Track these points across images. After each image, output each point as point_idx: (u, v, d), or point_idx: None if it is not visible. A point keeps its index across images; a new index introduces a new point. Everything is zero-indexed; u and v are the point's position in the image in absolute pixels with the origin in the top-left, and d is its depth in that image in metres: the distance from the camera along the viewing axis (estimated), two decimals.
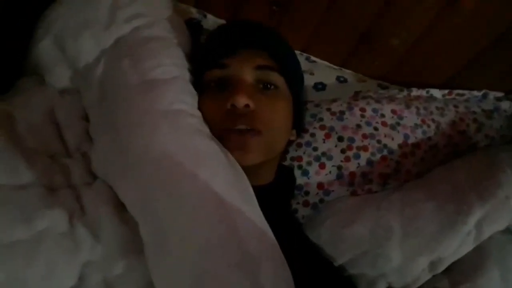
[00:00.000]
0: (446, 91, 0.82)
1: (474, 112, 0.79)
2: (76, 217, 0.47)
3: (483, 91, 0.81)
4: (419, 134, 0.73)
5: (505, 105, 0.81)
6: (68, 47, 0.60)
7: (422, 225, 0.59)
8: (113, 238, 0.47)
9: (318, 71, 0.84)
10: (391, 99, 0.77)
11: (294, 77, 0.68)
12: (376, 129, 0.71)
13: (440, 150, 0.74)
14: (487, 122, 0.78)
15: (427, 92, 0.81)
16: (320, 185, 0.69)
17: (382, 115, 0.73)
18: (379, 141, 0.71)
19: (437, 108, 0.77)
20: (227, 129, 0.57)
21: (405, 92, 0.80)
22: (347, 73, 0.87)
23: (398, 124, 0.73)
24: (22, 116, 0.53)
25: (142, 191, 0.47)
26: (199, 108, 0.59)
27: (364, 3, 0.76)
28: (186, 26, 0.72)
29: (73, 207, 0.47)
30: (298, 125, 0.71)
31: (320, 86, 0.83)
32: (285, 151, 0.72)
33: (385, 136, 0.71)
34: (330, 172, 0.69)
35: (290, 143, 0.72)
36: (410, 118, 0.74)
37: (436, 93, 0.81)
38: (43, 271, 0.42)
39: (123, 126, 0.52)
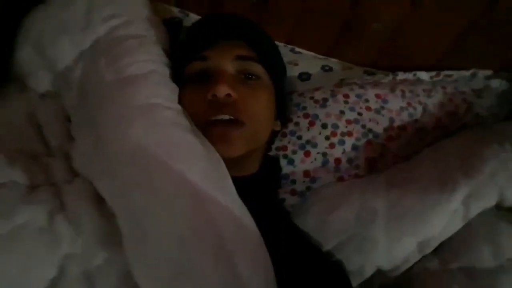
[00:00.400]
0: (434, 73, 0.81)
1: (463, 92, 0.78)
2: (55, 212, 0.48)
3: (472, 70, 0.80)
4: (405, 116, 0.72)
5: (495, 83, 0.79)
6: (47, 51, 0.61)
7: (407, 206, 0.59)
8: (93, 231, 0.48)
9: (302, 61, 0.84)
10: (376, 84, 0.76)
11: (275, 66, 0.68)
12: (360, 114, 0.71)
13: (428, 133, 0.73)
14: (477, 101, 0.77)
15: (414, 75, 0.80)
16: (306, 173, 0.69)
17: (366, 100, 0.72)
18: (363, 126, 0.70)
19: (424, 90, 0.76)
20: (210, 121, 0.58)
21: (390, 77, 0.79)
22: (333, 62, 0.86)
23: (383, 108, 0.72)
24: (2, 119, 0.55)
25: (119, 185, 0.48)
26: (181, 101, 0.59)
27: None
28: (165, 24, 0.73)
29: (53, 203, 0.48)
30: (282, 115, 0.71)
31: (305, 76, 0.82)
32: (270, 142, 0.72)
33: (369, 120, 0.71)
34: (315, 159, 0.69)
35: (275, 134, 0.72)
36: (395, 101, 0.73)
37: (423, 75, 0.80)
38: (22, 264, 0.43)
39: (101, 123, 0.53)
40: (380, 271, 0.59)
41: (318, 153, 0.69)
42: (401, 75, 0.79)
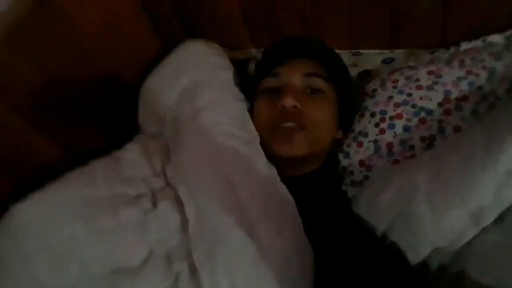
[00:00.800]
0: (509, 32, 0.71)
1: (482, 59, 0.66)
2: (149, 211, 0.67)
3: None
4: (464, 86, 0.67)
5: None
6: (151, 101, 0.86)
7: (449, 175, 0.55)
8: (171, 222, 0.65)
9: (361, 61, 0.87)
10: (431, 62, 0.73)
11: (340, 81, 0.75)
12: (409, 95, 0.69)
13: (500, 98, 0.65)
14: (497, 64, 0.65)
15: (483, 41, 0.73)
16: (361, 163, 0.71)
17: (417, 80, 0.70)
18: (413, 106, 0.68)
19: (490, 54, 0.69)
20: (276, 126, 0.68)
21: (451, 50, 0.74)
22: (396, 53, 0.85)
23: (436, 83, 0.68)
24: (128, 157, 0.79)
25: (188, 185, 0.65)
26: (255, 111, 0.72)
27: None
28: (235, 64, 0.90)
29: (148, 205, 0.68)
30: (346, 125, 0.76)
31: (363, 74, 0.85)
32: (333, 149, 0.75)
33: (420, 99, 0.68)
34: (367, 148, 0.70)
35: (338, 142, 0.76)
36: (451, 73, 0.68)
37: (496, 38, 0.72)
38: (123, 247, 0.62)
39: (180, 145, 0.73)
40: (438, 250, 0.56)
41: (369, 141, 0.71)
42: (464, 45, 0.73)
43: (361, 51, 0.91)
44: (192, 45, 0.86)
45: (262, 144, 0.69)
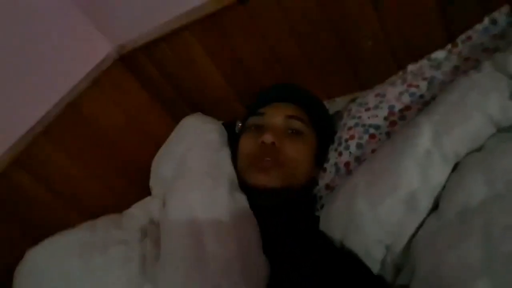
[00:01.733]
0: (449, 45, 0.75)
1: (482, 44, 0.69)
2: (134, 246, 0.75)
3: (487, 17, 0.71)
4: (405, 98, 0.71)
5: None
6: (158, 169, 0.99)
7: (378, 167, 0.57)
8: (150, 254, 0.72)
9: (335, 106, 0.94)
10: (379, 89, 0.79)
11: (321, 125, 0.82)
12: (359, 117, 0.75)
13: None
14: (500, 43, 0.66)
15: (428, 59, 0.77)
16: (327, 186, 0.74)
17: (365, 104, 0.76)
18: (363, 125, 0.73)
19: (431, 66, 0.73)
20: (255, 158, 0.75)
21: (399, 73, 0.79)
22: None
23: (381, 102, 0.73)
24: (130, 211, 0.91)
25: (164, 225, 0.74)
26: (240, 144, 0.81)
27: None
28: (224, 125, 1.02)
29: (135, 242, 0.76)
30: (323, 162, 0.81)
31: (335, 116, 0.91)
32: (310, 185, 0.79)
33: (368, 118, 0.73)
34: (330, 172, 0.74)
35: (314, 178, 0.80)
36: (393, 90, 0.73)
37: (439, 54, 0.76)
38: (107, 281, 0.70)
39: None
40: (389, 250, 0.55)
41: (331, 165, 0.75)
42: (411, 67, 0.78)
43: (336, 98, 0.99)
44: (188, 120, 1.01)
45: (240, 176, 0.76)
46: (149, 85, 1.13)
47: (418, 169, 0.52)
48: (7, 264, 0.71)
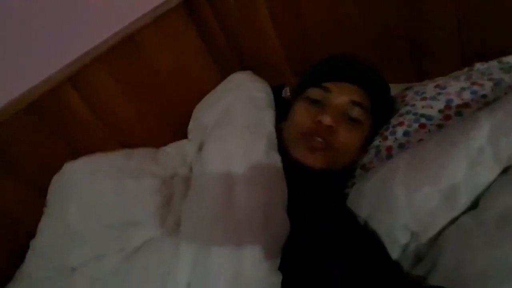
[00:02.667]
0: None
1: None
2: (166, 182, 0.77)
3: None
4: (467, 95, 0.68)
5: None
6: (199, 116, 1.01)
7: (425, 155, 0.56)
8: (180, 192, 0.74)
9: None
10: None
11: (381, 117, 0.78)
12: (413, 105, 0.72)
13: None
14: None
15: (499, 62, 0.73)
16: (362, 167, 0.73)
17: (423, 93, 0.74)
18: (415, 114, 0.71)
19: (500, 69, 0.69)
20: (307, 134, 0.73)
21: (465, 69, 0.75)
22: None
23: (440, 94, 0.71)
24: (165, 149, 0.93)
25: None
26: (294, 112, 0.78)
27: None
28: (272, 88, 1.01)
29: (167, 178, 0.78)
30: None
31: None
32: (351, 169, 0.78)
33: (422, 107, 0.71)
34: (370, 153, 0.73)
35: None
36: (456, 85, 0.70)
37: (511, 59, 0.72)
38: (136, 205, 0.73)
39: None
40: (414, 237, 0.54)
41: (373, 147, 0.73)
42: (479, 65, 0.74)
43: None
44: (238, 75, 1.02)
45: (285, 143, 0.76)
46: (205, 35, 1.13)
47: (466, 163, 0.51)
48: (46, 174, 0.76)
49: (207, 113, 0.94)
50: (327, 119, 0.69)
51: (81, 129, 0.92)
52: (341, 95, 0.73)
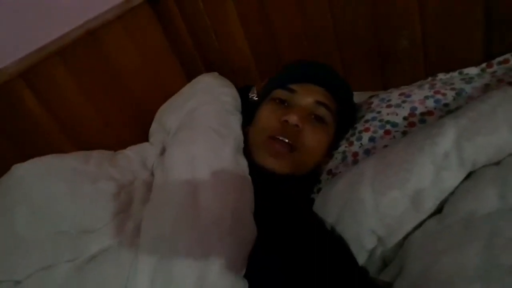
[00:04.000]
0: (484, 65, 0.74)
1: None
2: (125, 187, 0.72)
3: None
4: (430, 103, 0.69)
5: None
6: (162, 118, 0.97)
7: (392, 159, 0.56)
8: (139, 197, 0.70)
9: None
10: (404, 88, 0.77)
11: (345, 117, 0.79)
12: (378, 112, 0.73)
13: None
14: None
15: (460, 73, 0.76)
16: (328, 172, 0.73)
17: (388, 100, 0.75)
18: (380, 120, 0.72)
19: (462, 79, 0.72)
20: (272, 137, 0.71)
21: (428, 79, 0.78)
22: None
23: (405, 101, 0.72)
24: (124, 152, 0.88)
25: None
26: (260, 114, 0.77)
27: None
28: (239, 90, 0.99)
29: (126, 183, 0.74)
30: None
31: None
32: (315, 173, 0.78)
33: (387, 114, 0.72)
34: (336, 158, 0.73)
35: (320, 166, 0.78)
36: (420, 93, 0.72)
37: (472, 70, 0.75)
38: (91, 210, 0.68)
39: (172, 145, 0.81)
40: (381, 241, 0.54)
41: (339, 152, 0.73)
42: (441, 75, 0.77)
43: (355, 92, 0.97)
44: (204, 78, 1.00)
45: (250, 148, 0.74)
46: (171, 35, 1.10)
47: (432, 168, 0.51)
48: None
49: (171, 116, 0.91)
50: (293, 118, 0.69)
51: (33, 128, 0.85)
52: (307, 96, 0.74)
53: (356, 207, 0.56)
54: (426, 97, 0.70)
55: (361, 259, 0.56)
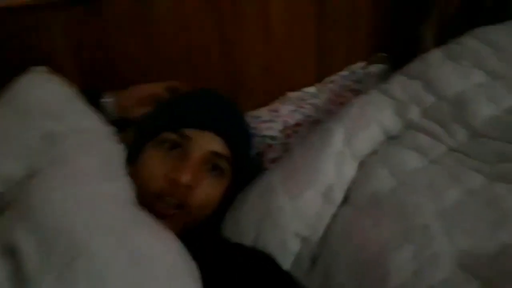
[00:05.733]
0: (318, 85, 0.92)
1: (347, 85, 0.88)
2: None
3: (347, 69, 0.92)
4: (297, 116, 0.81)
5: (372, 68, 0.91)
6: None
7: (296, 164, 0.61)
8: None
9: None
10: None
11: (242, 167, 0.68)
12: (254, 128, 0.79)
13: None
14: (360, 85, 0.86)
15: (303, 92, 0.91)
16: None
17: (259, 117, 0.82)
18: (262, 136, 0.78)
19: (311, 95, 0.87)
20: (159, 196, 0.59)
21: (280, 98, 0.90)
22: None
23: (276, 116, 0.81)
24: None
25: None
26: (144, 157, 0.62)
27: None
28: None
29: None
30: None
31: None
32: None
33: (264, 130, 0.78)
34: None
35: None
36: (286, 108, 0.83)
37: (311, 89, 0.91)
38: None
39: None
40: (305, 241, 0.57)
41: None
42: (290, 94, 0.90)
43: None
44: (30, 84, 0.62)
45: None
46: None
47: (333, 165, 0.59)
48: None
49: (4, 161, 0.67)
50: (186, 178, 0.58)
51: None
52: (202, 146, 0.62)
53: (275, 215, 0.57)
54: (292, 111, 0.81)
55: (288, 263, 0.57)
